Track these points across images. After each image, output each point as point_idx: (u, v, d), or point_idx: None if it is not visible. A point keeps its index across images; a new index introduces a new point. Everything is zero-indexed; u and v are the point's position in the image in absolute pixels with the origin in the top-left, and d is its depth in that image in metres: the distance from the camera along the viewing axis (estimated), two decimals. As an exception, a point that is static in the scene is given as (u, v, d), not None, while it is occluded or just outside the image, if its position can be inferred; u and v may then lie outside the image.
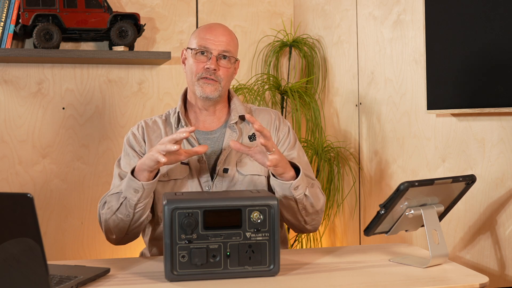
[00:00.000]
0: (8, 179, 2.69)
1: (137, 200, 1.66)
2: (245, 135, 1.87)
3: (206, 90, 1.80)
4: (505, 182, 1.84)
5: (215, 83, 1.80)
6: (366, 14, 2.53)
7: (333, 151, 2.73)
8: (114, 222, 1.72)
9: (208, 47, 1.80)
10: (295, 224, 1.80)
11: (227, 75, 1.83)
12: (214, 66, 1.79)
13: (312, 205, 1.75)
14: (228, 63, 1.82)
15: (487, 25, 1.81)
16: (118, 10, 2.80)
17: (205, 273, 1.41)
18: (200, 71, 1.80)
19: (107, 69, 2.81)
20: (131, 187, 1.65)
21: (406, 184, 1.45)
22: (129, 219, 1.70)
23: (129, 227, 1.72)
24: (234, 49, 1.85)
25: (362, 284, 1.39)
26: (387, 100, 2.40)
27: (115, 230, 1.73)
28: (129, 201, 1.66)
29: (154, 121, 1.90)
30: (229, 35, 1.84)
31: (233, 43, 1.85)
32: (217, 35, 1.82)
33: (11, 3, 2.56)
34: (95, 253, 2.80)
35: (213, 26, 1.86)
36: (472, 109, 1.88)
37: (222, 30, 1.84)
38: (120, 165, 1.84)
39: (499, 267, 1.85)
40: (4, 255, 1.08)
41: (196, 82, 1.81)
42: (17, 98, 2.69)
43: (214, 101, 1.84)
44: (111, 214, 1.71)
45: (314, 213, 1.77)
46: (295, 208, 1.73)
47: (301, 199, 1.71)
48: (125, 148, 1.87)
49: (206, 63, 1.80)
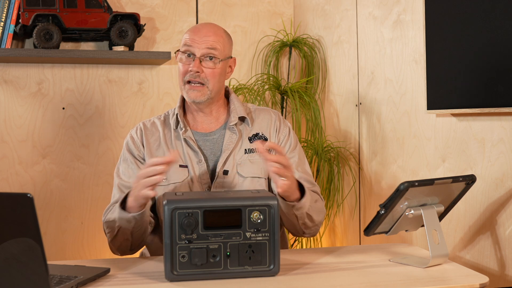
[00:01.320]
0: (8, 179, 2.69)
1: (131, 228, 1.66)
2: (245, 136, 1.85)
3: (191, 96, 1.79)
4: (505, 182, 1.84)
5: (201, 87, 1.78)
6: (366, 14, 2.53)
7: (333, 151, 2.73)
8: (115, 245, 1.74)
9: (191, 49, 1.78)
10: (293, 232, 1.81)
11: (214, 75, 1.78)
12: (196, 69, 1.76)
13: (313, 220, 1.75)
14: (212, 64, 1.78)
15: (487, 25, 1.81)
16: (118, 10, 2.80)
17: (205, 273, 1.41)
18: (184, 74, 1.79)
19: (107, 69, 2.81)
20: (123, 219, 1.65)
21: (406, 184, 1.45)
22: (129, 242, 1.72)
23: (131, 246, 1.74)
24: (222, 46, 1.80)
25: (362, 284, 1.39)
26: (387, 100, 2.40)
27: (119, 250, 1.76)
28: (125, 230, 1.67)
29: (152, 122, 1.89)
30: (215, 35, 1.80)
31: (221, 41, 1.80)
32: (200, 36, 1.79)
33: (11, 3, 2.56)
34: (95, 253, 2.80)
35: (198, 27, 1.83)
36: (472, 109, 1.88)
37: (207, 31, 1.80)
38: (119, 173, 1.84)
39: (499, 267, 1.85)
40: (4, 255, 1.08)
41: (183, 87, 1.80)
42: (17, 98, 2.69)
43: (205, 103, 1.82)
44: (112, 237, 1.72)
45: (313, 226, 1.78)
46: (295, 222, 1.73)
47: (302, 217, 1.71)
48: (123, 153, 1.86)
49: (189, 66, 1.78)
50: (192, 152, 1.81)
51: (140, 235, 1.70)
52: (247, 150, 1.83)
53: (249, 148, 1.84)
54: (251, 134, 1.86)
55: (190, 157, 1.80)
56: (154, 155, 1.82)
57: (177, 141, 1.83)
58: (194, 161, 1.80)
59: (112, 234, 1.70)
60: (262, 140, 1.76)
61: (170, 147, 1.83)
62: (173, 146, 1.83)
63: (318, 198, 1.81)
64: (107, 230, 1.73)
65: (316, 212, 1.76)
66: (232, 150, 1.82)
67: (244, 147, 1.84)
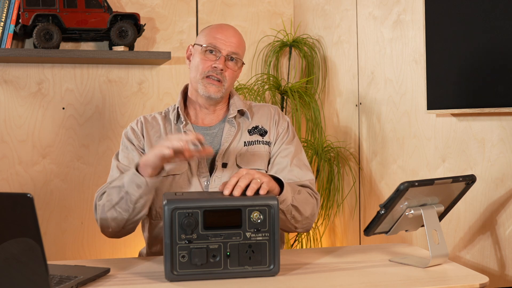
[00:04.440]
0: (8, 179, 2.69)
1: (138, 195, 1.65)
2: (244, 129, 1.87)
3: (209, 90, 1.81)
4: (505, 182, 1.84)
5: (219, 84, 1.81)
6: (366, 14, 2.53)
7: (333, 151, 2.73)
8: (112, 216, 1.70)
9: (218, 46, 1.81)
10: (285, 228, 1.79)
11: (232, 77, 1.84)
12: (222, 66, 1.80)
13: (300, 212, 1.73)
14: (235, 65, 1.84)
15: (487, 25, 1.81)
16: (118, 10, 2.80)
17: (205, 273, 1.41)
18: (206, 69, 1.81)
19: (107, 69, 2.81)
20: (133, 182, 1.64)
21: (406, 184, 1.45)
22: (127, 214, 1.69)
23: (127, 222, 1.71)
24: (242, 52, 1.86)
25: (362, 284, 1.39)
26: (387, 100, 2.40)
27: (112, 224, 1.72)
28: (130, 196, 1.66)
29: (153, 117, 1.91)
30: (239, 38, 1.86)
31: (242, 46, 1.87)
32: (228, 35, 1.83)
33: (11, 3, 2.56)
34: (95, 253, 2.80)
35: (225, 26, 1.87)
36: (472, 109, 1.88)
37: (233, 32, 1.85)
38: (118, 158, 1.83)
39: (499, 267, 1.85)
40: (4, 255, 1.08)
41: (200, 80, 1.82)
42: (17, 98, 2.69)
43: (215, 101, 1.85)
44: (110, 207, 1.69)
45: (304, 219, 1.76)
46: (283, 218, 1.71)
47: (289, 210, 1.69)
48: (123, 141, 1.86)
49: (214, 62, 1.81)
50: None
51: (139, 211, 1.68)
52: (247, 143, 1.85)
53: (248, 141, 1.85)
54: (250, 127, 1.88)
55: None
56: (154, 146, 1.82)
57: (178, 134, 1.84)
58: None
59: (113, 202, 1.68)
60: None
61: None
62: None
63: (301, 189, 1.77)
64: (107, 198, 1.69)
65: (302, 203, 1.73)
66: (231, 143, 1.83)
67: (243, 139, 1.85)
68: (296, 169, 1.83)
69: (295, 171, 1.83)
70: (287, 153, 1.85)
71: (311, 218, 1.79)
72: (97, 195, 1.77)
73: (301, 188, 1.78)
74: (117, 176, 1.77)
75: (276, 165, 1.84)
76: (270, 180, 1.58)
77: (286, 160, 1.84)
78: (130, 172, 1.66)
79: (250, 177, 1.50)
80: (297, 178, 1.82)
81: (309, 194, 1.80)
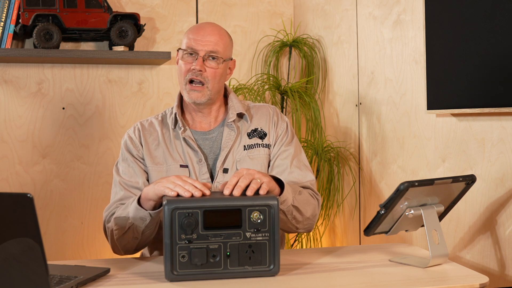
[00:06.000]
0: (8, 179, 2.69)
1: (144, 227, 1.65)
2: (244, 132, 1.86)
3: (192, 96, 1.79)
4: (505, 182, 1.84)
5: (201, 88, 1.78)
6: (366, 14, 2.53)
7: (333, 151, 2.73)
8: (122, 243, 1.72)
9: (194, 48, 1.78)
10: (286, 229, 1.78)
11: (215, 76, 1.79)
12: (199, 67, 1.76)
13: (301, 213, 1.73)
14: (215, 63, 1.79)
15: (487, 25, 1.81)
16: (118, 10, 2.80)
17: (205, 273, 1.41)
18: (187, 72, 1.78)
19: (107, 69, 2.81)
20: (137, 215, 1.64)
21: (406, 184, 1.45)
22: (137, 240, 1.70)
23: (138, 245, 1.73)
24: (223, 49, 1.81)
25: (362, 284, 1.39)
26: (387, 100, 2.40)
27: (124, 248, 1.74)
28: (137, 227, 1.66)
29: (150, 122, 1.89)
30: (218, 35, 1.81)
31: (223, 42, 1.81)
32: (204, 35, 1.79)
33: (11, 3, 2.56)
34: (95, 253, 2.80)
35: (202, 26, 1.84)
36: (472, 109, 1.88)
37: (210, 30, 1.81)
38: (119, 171, 1.83)
39: (499, 267, 1.85)
40: (4, 255, 1.08)
41: (184, 87, 1.80)
42: (17, 98, 2.69)
43: (205, 104, 1.82)
44: (119, 235, 1.70)
45: (305, 219, 1.75)
46: (284, 219, 1.71)
47: (289, 210, 1.69)
48: (122, 152, 1.86)
49: (192, 64, 1.78)
50: (192, 151, 1.81)
51: (149, 235, 1.69)
52: (246, 147, 1.84)
53: (248, 144, 1.84)
54: (250, 129, 1.86)
55: (190, 156, 1.80)
56: (153, 154, 1.82)
57: (176, 140, 1.83)
58: (194, 160, 1.80)
59: (122, 231, 1.68)
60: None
61: (169, 147, 1.82)
62: (172, 145, 1.83)
63: (302, 190, 1.77)
64: (115, 227, 1.70)
65: (303, 203, 1.73)
66: (231, 147, 1.82)
67: (243, 143, 1.84)
68: (297, 171, 1.83)
69: (295, 173, 1.82)
70: (287, 155, 1.85)
71: (312, 218, 1.78)
72: (106, 215, 1.77)
73: (302, 189, 1.78)
74: (122, 194, 1.77)
75: (276, 167, 1.84)
76: (271, 181, 1.57)
77: (286, 162, 1.84)
78: (133, 206, 1.65)
79: (250, 177, 1.50)
80: (298, 180, 1.81)
81: (310, 195, 1.79)
